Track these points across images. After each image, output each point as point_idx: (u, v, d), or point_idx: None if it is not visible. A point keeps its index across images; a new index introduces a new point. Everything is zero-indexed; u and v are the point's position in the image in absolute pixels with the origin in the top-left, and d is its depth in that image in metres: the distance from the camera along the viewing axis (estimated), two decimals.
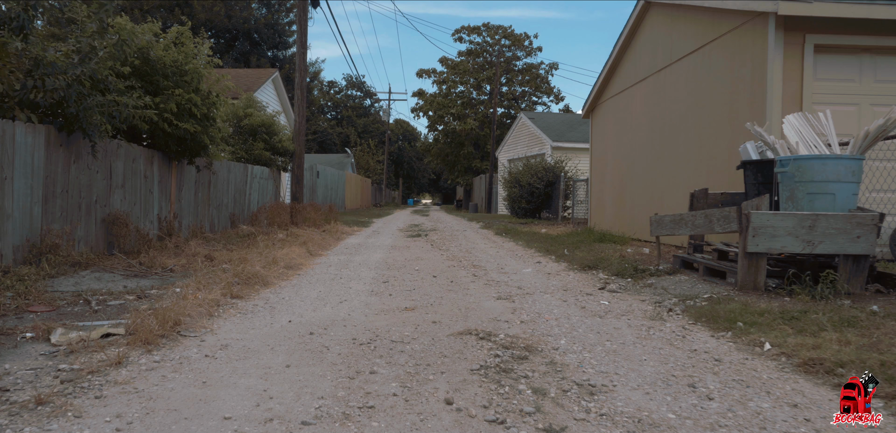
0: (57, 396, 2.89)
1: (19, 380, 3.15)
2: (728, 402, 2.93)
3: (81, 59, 7.32)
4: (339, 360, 3.64)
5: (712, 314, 4.81)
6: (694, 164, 10.35)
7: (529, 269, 8.37)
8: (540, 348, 3.95)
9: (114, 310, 5.23)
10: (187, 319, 4.42)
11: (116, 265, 7.70)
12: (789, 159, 6.19)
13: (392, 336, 4.28)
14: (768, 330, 4.19)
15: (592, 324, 4.71)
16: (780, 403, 2.92)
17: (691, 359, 3.71)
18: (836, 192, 5.96)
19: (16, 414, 2.68)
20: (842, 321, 4.21)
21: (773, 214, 5.81)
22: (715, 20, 9.72)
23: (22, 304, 5.34)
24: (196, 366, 3.48)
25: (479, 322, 4.78)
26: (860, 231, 5.71)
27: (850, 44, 8.26)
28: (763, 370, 3.45)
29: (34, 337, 4.18)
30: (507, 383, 3.20)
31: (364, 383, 3.21)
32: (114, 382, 3.14)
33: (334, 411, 2.79)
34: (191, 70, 10.19)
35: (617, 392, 3.08)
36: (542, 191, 23.33)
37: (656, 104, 12.13)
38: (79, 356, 3.61)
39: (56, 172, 7.47)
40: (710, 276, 6.82)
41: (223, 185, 13.59)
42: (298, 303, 5.52)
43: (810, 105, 8.20)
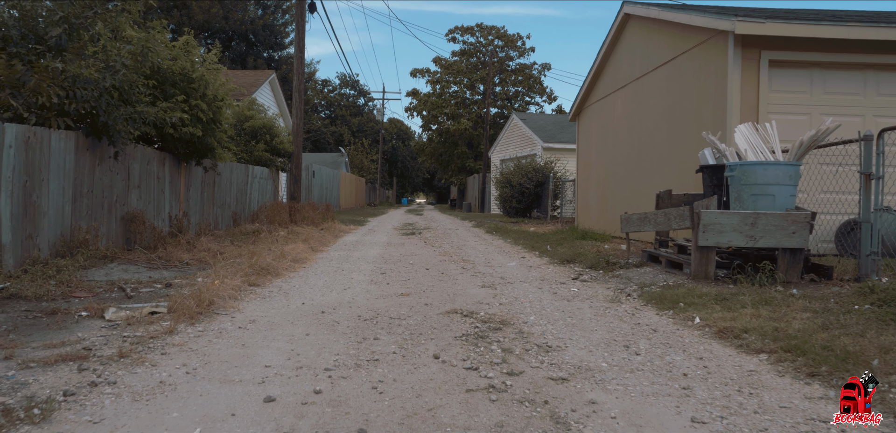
0: (133, 353, 3.73)
1: (97, 343, 3.98)
2: (650, 357, 3.80)
3: (111, 74, 8.12)
4: (347, 331, 4.49)
5: (661, 297, 5.69)
6: (668, 166, 11.24)
7: (513, 263, 9.24)
8: (512, 322, 4.82)
9: (146, 296, 6.05)
10: (218, 300, 5.26)
11: (138, 258, 8.51)
12: (737, 164, 7.08)
13: (390, 314, 5.13)
14: (702, 308, 5.07)
15: (559, 306, 5.58)
16: (690, 357, 3.79)
17: (633, 329, 4.58)
18: (775, 193, 6.85)
19: (106, 363, 3.51)
20: (761, 301, 5.09)
21: (720, 213, 6.69)
22: (684, 35, 10.61)
23: (66, 291, 6.15)
24: (233, 334, 4.32)
25: (465, 304, 5.64)
26: (795, 227, 6.60)
27: (802, 59, 9.17)
28: (687, 336, 4.33)
29: (89, 315, 5.00)
30: (482, 345, 4.07)
31: (370, 346, 4.06)
32: (172, 344, 3.98)
33: (348, 362, 3.64)
34: (198, 77, 10.99)
35: (567, 350, 3.95)
36: (532, 191, 24.22)
37: (635, 110, 13.02)
38: (135, 328, 4.45)
39: (83, 174, 8.27)
40: (671, 268, 7.71)
41: (226, 185, 14.39)
42: (308, 290, 6.36)
43: (766, 115, 9.09)
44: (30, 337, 4.15)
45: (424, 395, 3.08)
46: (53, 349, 3.81)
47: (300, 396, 3.04)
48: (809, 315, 4.56)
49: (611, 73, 14.68)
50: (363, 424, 2.69)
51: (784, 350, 3.77)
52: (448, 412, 2.85)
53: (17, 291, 5.86)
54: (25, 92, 7.30)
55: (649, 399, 3.05)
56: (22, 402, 2.84)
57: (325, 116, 69.58)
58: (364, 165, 61.19)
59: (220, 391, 3.11)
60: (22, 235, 6.93)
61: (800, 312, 4.67)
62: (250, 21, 36.20)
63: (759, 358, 3.76)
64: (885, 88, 9.27)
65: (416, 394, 3.11)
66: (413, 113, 51.80)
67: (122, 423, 2.66)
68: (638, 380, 3.34)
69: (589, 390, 3.18)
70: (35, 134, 7.15)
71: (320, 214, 18.22)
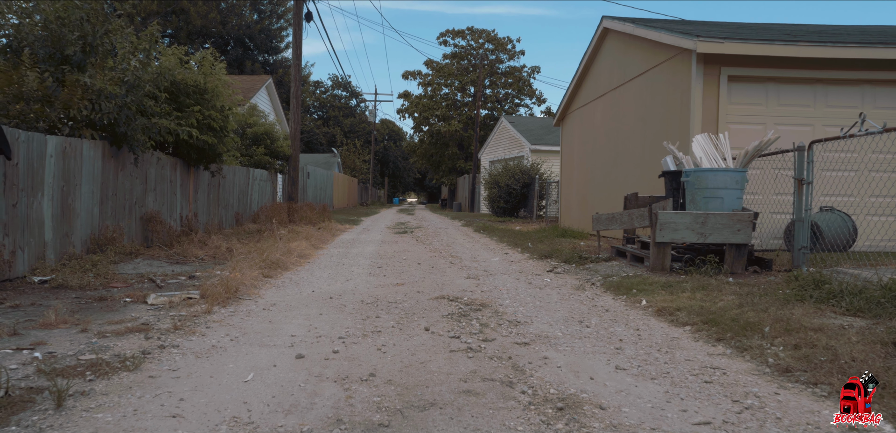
0: (184, 326, 4.65)
1: (151, 321, 4.90)
2: (598, 329, 4.76)
3: (128, 90, 9.00)
4: (354, 311, 5.42)
5: (619, 285, 6.66)
6: (640, 170, 12.23)
7: (497, 258, 10.20)
8: (490, 305, 5.77)
9: (175, 286, 6.95)
10: (242, 288, 6.18)
11: (158, 254, 9.41)
12: (691, 171, 8.07)
13: (388, 299, 6.06)
14: (650, 293, 6.04)
15: (532, 293, 6.54)
16: (630, 329, 4.76)
17: (589, 310, 5.55)
18: (724, 196, 7.84)
19: (165, 334, 4.43)
20: (699, 287, 6.08)
21: (674, 213, 7.68)
22: (655, 50, 11.61)
23: (104, 282, 7.04)
24: (260, 314, 5.25)
25: (451, 291, 6.58)
26: (740, 225, 7.59)
27: (758, 75, 10.17)
28: (632, 314, 5.30)
29: (132, 301, 5.91)
30: (464, 321, 5.01)
31: (372, 322, 5.00)
32: (212, 321, 4.90)
33: (356, 333, 4.58)
34: (209, 89, 11.90)
35: (532, 324, 4.90)
36: (518, 191, 25.21)
37: (613, 117, 14.01)
38: (178, 310, 5.36)
39: (108, 179, 9.15)
40: (635, 262, 8.69)
41: (230, 187, 15.28)
42: (315, 281, 7.29)
43: (725, 125, 10.09)
44: (92, 317, 5.05)
45: (417, 354, 4.02)
46: (118, 325, 4.72)
47: (322, 354, 3.98)
48: (734, 297, 5.54)
49: (592, 82, 15.68)
50: (373, 371, 3.63)
51: (703, 322, 4.75)
52: (435, 364, 3.79)
53: (63, 282, 6.75)
54: (57, 105, 8.19)
55: (589, 355, 4.01)
56: (114, 358, 3.76)
57: (317, 117, 70.35)
58: (356, 166, 61.97)
59: (260, 352, 4.04)
60: (60, 234, 7.82)
61: (727, 295, 5.65)
62: (246, 26, 37.05)
63: (683, 329, 4.73)
64: (833, 100, 10.29)
65: (411, 353, 4.05)
66: (405, 115, 52.76)
67: (193, 371, 3.59)
68: (583, 344, 4.29)
69: (544, 350, 4.13)
70: (70, 144, 8.04)
71: (317, 214, 19.11)
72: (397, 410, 2.98)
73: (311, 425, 2.79)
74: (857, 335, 4.00)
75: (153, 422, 2.80)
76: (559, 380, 3.48)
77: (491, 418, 2.89)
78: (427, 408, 3.02)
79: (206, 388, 3.27)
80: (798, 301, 5.16)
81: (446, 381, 3.44)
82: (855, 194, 9.43)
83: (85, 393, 3.15)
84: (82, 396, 3.10)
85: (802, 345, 3.94)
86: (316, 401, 3.11)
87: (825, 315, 4.67)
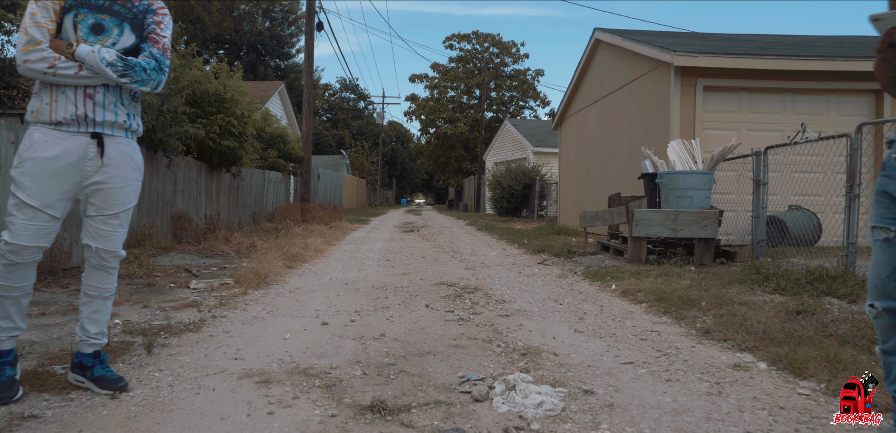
0: (227, 304, 5.67)
1: (198, 300, 5.93)
2: (569, 306, 5.75)
3: (165, 100, 10.07)
4: (366, 293, 6.44)
5: (596, 274, 7.64)
6: (627, 172, 13.18)
7: (494, 253, 11.20)
8: (482, 288, 6.77)
9: (209, 275, 7.97)
10: (270, 275, 7.21)
11: (189, 249, 10.46)
12: (665, 173, 9.04)
13: (395, 285, 7.07)
14: (621, 279, 7.02)
15: (520, 280, 7.53)
16: (595, 305, 5.74)
17: (567, 292, 6.54)
18: (693, 195, 8.80)
19: (213, 309, 5.46)
20: (664, 274, 7.05)
21: (649, 211, 8.65)
22: (640, 61, 12.57)
23: (147, 272, 8.08)
24: (287, 296, 6.27)
25: (450, 279, 7.58)
26: (707, 222, 8.55)
27: (731, 85, 11.13)
28: (601, 296, 6.28)
29: (176, 286, 6.94)
30: (458, 300, 6.01)
31: (382, 301, 6.00)
32: (249, 300, 5.93)
33: (369, 308, 5.59)
34: (229, 98, 12.96)
35: (515, 302, 5.90)
36: (520, 192, 26.20)
37: (604, 123, 14.98)
38: (219, 292, 6.39)
39: (145, 181, 10.20)
40: (616, 255, 9.66)
41: (247, 189, 16.35)
42: (331, 271, 8.31)
43: (701, 131, 11.05)
44: (148, 297, 6.09)
45: (418, 323, 5.03)
46: (172, 302, 5.75)
47: (342, 322, 4.99)
48: (689, 282, 6.51)
49: (586, 89, 16.65)
50: (383, 333, 4.64)
51: (656, 300, 5.73)
52: (432, 329, 4.79)
53: None
54: None
55: (556, 324, 5.01)
56: (177, 324, 4.78)
57: (326, 120, 71.56)
58: (364, 167, 63.10)
59: (292, 321, 5.05)
60: None
61: (683, 280, 6.63)
62: (259, 33, 38.26)
63: (640, 306, 5.71)
64: (801, 108, 11.23)
65: (414, 321, 5.06)
66: (412, 117, 53.93)
67: (242, 333, 4.60)
68: (554, 316, 5.29)
69: (521, 320, 5.13)
70: None
71: (329, 214, 20.18)
72: (401, 356, 3.98)
73: (337, 364, 3.79)
74: (772, 307, 4.98)
75: (222, 361, 3.82)
76: (528, 339, 4.47)
77: (471, 360, 3.89)
78: (424, 354, 4.02)
79: (255, 343, 4.29)
80: (739, 283, 6.13)
81: (440, 340, 4.44)
82: (821, 194, 10.35)
83: (165, 345, 4.17)
84: (163, 347, 4.12)
85: (726, 315, 4.91)
86: (340, 350, 4.12)
87: (755, 293, 5.65)
